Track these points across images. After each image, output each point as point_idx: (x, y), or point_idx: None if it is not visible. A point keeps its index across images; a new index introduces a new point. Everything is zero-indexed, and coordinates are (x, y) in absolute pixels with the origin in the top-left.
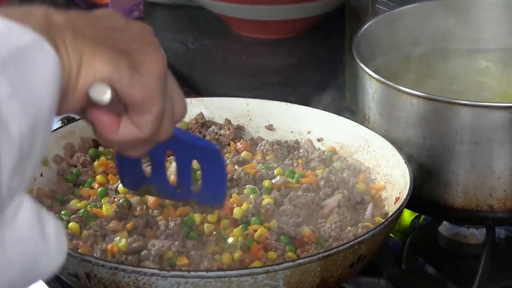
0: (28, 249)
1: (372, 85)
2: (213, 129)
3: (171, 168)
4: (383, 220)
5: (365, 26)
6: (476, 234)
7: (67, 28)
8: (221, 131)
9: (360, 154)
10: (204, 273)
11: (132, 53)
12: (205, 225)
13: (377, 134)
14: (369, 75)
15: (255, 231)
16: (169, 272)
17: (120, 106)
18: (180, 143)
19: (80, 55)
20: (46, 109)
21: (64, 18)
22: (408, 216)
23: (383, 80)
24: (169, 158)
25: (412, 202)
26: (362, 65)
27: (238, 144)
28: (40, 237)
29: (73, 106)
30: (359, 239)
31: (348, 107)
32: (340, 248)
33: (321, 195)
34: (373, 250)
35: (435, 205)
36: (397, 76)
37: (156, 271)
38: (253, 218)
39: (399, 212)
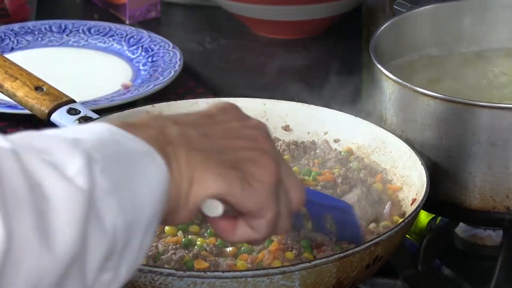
0: None
1: (389, 86)
2: None
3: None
4: (401, 219)
5: (382, 27)
6: (492, 236)
7: (181, 144)
8: None
9: (377, 155)
10: (220, 274)
11: (243, 166)
12: None
13: (394, 135)
14: (386, 76)
15: None
16: (186, 272)
17: (234, 210)
18: (312, 202)
19: (192, 173)
20: (146, 215)
21: (178, 131)
22: (424, 217)
23: (400, 81)
24: None
25: (428, 203)
26: (379, 66)
27: None
28: None
29: (186, 217)
30: (376, 240)
31: (365, 108)
32: (356, 249)
33: (339, 192)
34: (389, 251)
35: (452, 206)
36: (414, 77)
37: (173, 271)
38: None
39: (415, 213)
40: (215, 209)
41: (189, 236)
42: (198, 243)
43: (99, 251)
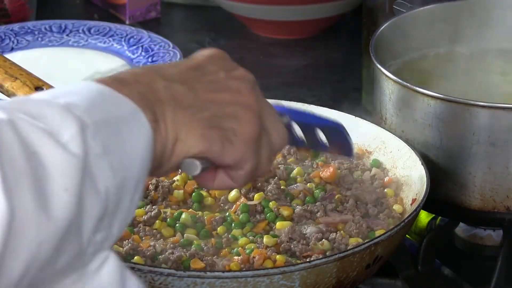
0: None
1: (389, 86)
2: None
3: None
4: (401, 211)
5: (382, 27)
6: (492, 236)
7: (168, 101)
8: None
9: (377, 155)
10: (220, 274)
11: (225, 122)
12: (219, 228)
13: (394, 135)
14: (386, 76)
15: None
16: (185, 272)
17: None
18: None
19: (177, 132)
20: (134, 175)
21: (166, 88)
22: (424, 217)
23: (400, 81)
24: None
25: (428, 203)
26: (379, 66)
27: None
28: None
29: (167, 173)
30: (375, 240)
31: (365, 108)
32: (356, 249)
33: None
34: (389, 251)
35: (452, 206)
36: (414, 77)
37: (173, 271)
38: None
39: (415, 214)
40: (194, 168)
41: (185, 235)
42: (195, 242)
43: (93, 213)
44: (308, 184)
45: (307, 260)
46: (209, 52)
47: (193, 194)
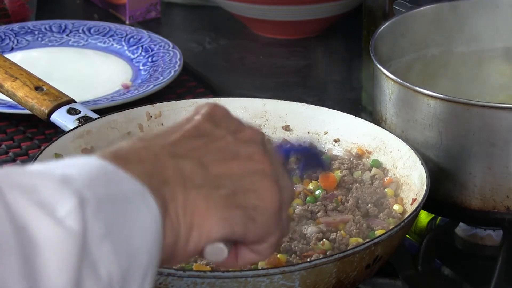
0: None
1: (389, 86)
2: None
3: None
4: (401, 211)
5: (382, 27)
6: (492, 236)
7: (177, 182)
8: None
9: (377, 155)
10: (220, 274)
11: (244, 200)
12: None
13: (394, 135)
14: (386, 76)
15: None
16: (185, 272)
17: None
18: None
19: (191, 217)
20: (142, 264)
21: (173, 166)
22: (424, 217)
23: (400, 81)
24: None
25: (428, 203)
26: (379, 66)
27: None
28: None
29: (184, 261)
30: (375, 240)
31: (365, 107)
32: (356, 249)
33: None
34: (389, 251)
35: (452, 206)
36: (415, 77)
37: (172, 271)
38: None
39: (415, 214)
40: (220, 253)
41: None
42: None
43: None
44: (309, 185)
45: (307, 260)
46: (207, 110)
47: None
